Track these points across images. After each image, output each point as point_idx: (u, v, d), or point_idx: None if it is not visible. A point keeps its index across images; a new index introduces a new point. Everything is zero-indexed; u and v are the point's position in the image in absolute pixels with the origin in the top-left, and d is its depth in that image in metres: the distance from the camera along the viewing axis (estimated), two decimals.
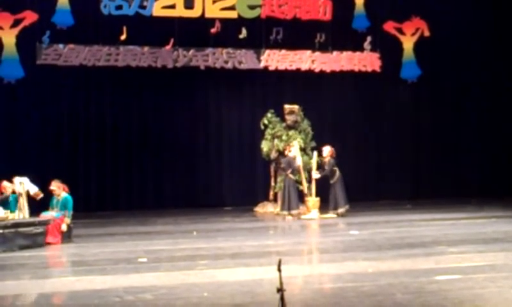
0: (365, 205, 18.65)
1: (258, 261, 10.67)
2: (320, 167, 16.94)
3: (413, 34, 20.70)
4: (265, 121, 18.33)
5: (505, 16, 20.93)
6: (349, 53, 19.91)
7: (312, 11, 19.66)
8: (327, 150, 17.00)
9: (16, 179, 13.03)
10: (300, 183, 17.24)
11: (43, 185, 13.34)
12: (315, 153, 17.05)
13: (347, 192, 17.03)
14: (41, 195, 13.21)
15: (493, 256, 10.69)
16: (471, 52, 20.87)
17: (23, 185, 12.95)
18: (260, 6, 19.35)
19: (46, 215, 12.81)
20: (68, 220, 12.91)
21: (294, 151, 17.15)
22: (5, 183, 13.02)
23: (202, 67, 19.06)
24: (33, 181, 13.26)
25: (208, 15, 19.01)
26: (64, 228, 12.80)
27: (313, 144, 18.11)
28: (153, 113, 19.40)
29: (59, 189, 13.15)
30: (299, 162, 17.09)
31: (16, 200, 12.86)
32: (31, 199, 13.11)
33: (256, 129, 18.85)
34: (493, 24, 20.90)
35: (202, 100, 19.87)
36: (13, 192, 12.93)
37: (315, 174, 16.89)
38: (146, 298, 8.23)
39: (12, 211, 12.69)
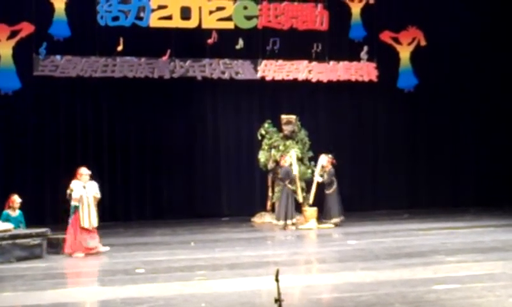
0: (363, 215, 18.66)
1: (256, 271, 10.66)
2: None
3: (409, 44, 20.75)
4: (263, 132, 18.33)
5: (502, 25, 20.97)
6: (346, 63, 19.92)
7: (308, 21, 19.70)
8: (325, 159, 17.02)
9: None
10: (296, 192, 17.26)
11: (40, 196, 13.32)
12: (322, 156, 17.06)
13: (343, 203, 17.07)
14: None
15: (491, 266, 10.69)
16: (467, 61, 20.90)
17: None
18: (256, 17, 19.38)
19: None
20: None
21: (288, 160, 17.12)
22: (15, 197, 12.99)
23: (199, 78, 19.08)
24: (31, 192, 13.22)
25: (205, 25, 19.03)
26: None
27: (311, 154, 18.12)
28: (151, 124, 19.36)
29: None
30: (295, 171, 17.09)
31: (21, 217, 12.85)
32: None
33: (253, 139, 18.85)
34: (489, 33, 20.93)
35: (199, 110, 19.85)
36: (20, 208, 12.91)
37: (319, 178, 16.93)
38: None
39: (15, 227, 12.66)
